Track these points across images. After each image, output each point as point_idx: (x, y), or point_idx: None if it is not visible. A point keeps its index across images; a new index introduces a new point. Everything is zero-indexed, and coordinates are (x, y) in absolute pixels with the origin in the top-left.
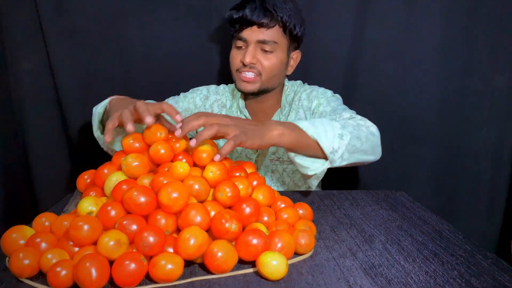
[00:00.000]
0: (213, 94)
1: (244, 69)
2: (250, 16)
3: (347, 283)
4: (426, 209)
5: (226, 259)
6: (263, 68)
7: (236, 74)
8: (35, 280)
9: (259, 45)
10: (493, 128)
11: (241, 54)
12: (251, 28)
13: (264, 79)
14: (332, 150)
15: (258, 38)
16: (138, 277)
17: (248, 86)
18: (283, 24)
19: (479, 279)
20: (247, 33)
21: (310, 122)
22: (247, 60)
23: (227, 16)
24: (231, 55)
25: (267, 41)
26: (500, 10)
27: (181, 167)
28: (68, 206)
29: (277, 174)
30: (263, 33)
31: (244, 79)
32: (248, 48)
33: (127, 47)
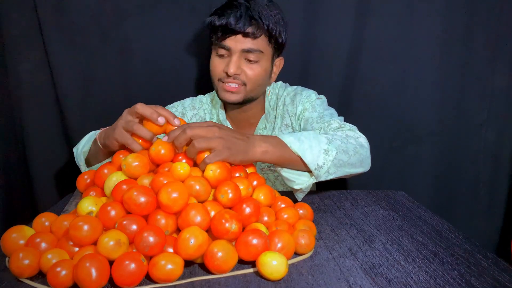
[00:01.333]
0: (190, 110)
1: (227, 79)
2: (234, 25)
3: (347, 283)
4: (426, 209)
5: (226, 259)
6: (247, 78)
7: (219, 83)
8: (35, 280)
9: (244, 54)
10: (493, 128)
11: (223, 63)
12: (235, 37)
13: (249, 89)
14: (317, 167)
15: (242, 47)
16: (138, 277)
17: (232, 96)
18: (269, 33)
19: (479, 279)
20: (230, 42)
21: (296, 136)
22: (231, 71)
23: (207, 21)
24: (212, 63)
25: (253, 50)
26: (499, 10)
27: (181, 167)
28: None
29: (269, 183)
30: (249, 42)
31: (228, 89)
32: (232, 58)
33: (126, 46)
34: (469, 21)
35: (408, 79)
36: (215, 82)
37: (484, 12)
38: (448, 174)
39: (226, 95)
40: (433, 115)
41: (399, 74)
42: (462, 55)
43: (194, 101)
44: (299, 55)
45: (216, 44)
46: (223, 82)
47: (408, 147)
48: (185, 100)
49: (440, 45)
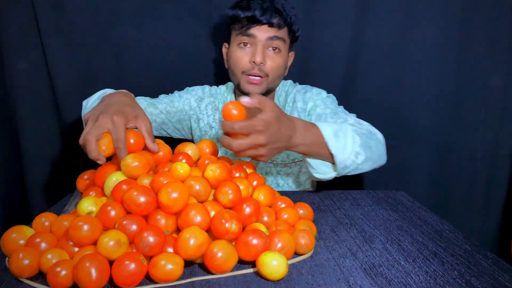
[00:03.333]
0: (208, 96)
1: (253, 71)
2: (260, 15)
3: (347, 283)
4: (426, 209)
5: (226, 259)
6: (270, 69)
7: (242, 76)
8: (35, 280)
9: (268, 44)
10: (490, 127)
11: (247, 54)
12: (260, 27)
13: (270, 80)
14: (343, 166)
15: (269, 35)
16: (138, 277)
17: (256, 88)
18: (290, 25)
19: (479, 279)
20: (255, 30)
21: (334, 130)
22: (258, 60)
23: (231, 14)
24: (234, 55)
25: (277, 37)
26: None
27: (181, 167)
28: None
29: (271, 176)
30: (273, 31)
31: (252, 82)
32: (257, 47)
33: (124, 46)
34: (466, 21)
35: (406, 79)
36: (237, 74)
37: (481, 12)
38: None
39: (250, 87)
40: (431, 114)
41: (397, 74)
42: (459, 55)
43: (211, 90)
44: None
45: (239, 33)
46: (247, 74)
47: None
48: (204, 86)
49: (438, 45)
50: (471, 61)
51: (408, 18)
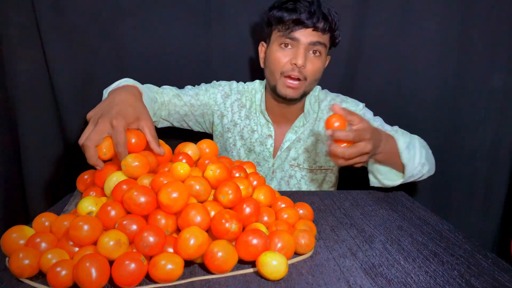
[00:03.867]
0: (235, 93)
1: (292, 72)
2: (306, 19)
3: (347, 283)
4: (426, 209)
5: (226, 259)
6: (309, 72)
7: (280, 77)
8: (35, 280)
9: (310, 47)
10: (490, 126)
11: (288, 56)
12: (305, 30)
13: (308, 84)
14: (410, 175)
15: (312, 40)
16: (138, 277)
17: (293, 92)
18: (333, 30)
19: (479, 279)
20: (300, 34)
21: (407, 142)
22: (300, 62)
23: (276, 15)
24: (274, 55)
25: (320, 42)
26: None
27: (181, 167)
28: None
29: (294, 180)
30: (317, 36)
31: (289, 85)
32: (299, 50)
33: (125, 46)
34: (466, 20)
35: (406, 78)
36: (276, 75)
37: (482, 11)
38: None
39: (288, 91)
40: (431, 114)
41: (397, 74)
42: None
43: (239, 86)
44: None
45: (282, 35)
46: (285, 76)
47: None
48: (232, 82)
49: (437, 44)
50: (471, 60)
51: (408, 17)
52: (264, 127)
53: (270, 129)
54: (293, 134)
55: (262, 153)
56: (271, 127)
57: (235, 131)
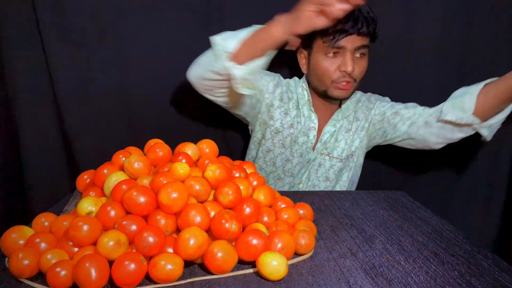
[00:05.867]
0: (284, 85)
1: (343, 79)
2: (351, 27)
3: (347, 283)
4: (426, 209)
5: (226, 259)
6: (357, 74)
7: (331, 84)
8: (35, 281)
9: (356, 51)
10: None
11: (336, 63)
12: (350, 36)
13: (357, 84)
14: None
15: (357, 45)
16: (138, 277)
17: (345, 93)
18: (374, 31)
19: (480, 279)
20: (345, 42)
21: None
22: (350, 69)
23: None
24: (322, 65)
25: (365, 45)
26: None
27: (181, 168)
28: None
29: (322, 169)
30: (361, 40)
31: (344, 88)
32: (346, 57)
33: (125, 46)
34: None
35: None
36: (326, 83)
37: (483, 11)
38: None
39: (340, 93)
40: None
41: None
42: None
43: (288, 80)
44: None
45: (328, 46)
46: (337, 82)
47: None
48: (279, 75)
49: (439, 45)
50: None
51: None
52: (308, 120)
53: (314, 121)
54: (332, 126)
55: (305, 144)
56: (315, 120)
57: (285, 119)
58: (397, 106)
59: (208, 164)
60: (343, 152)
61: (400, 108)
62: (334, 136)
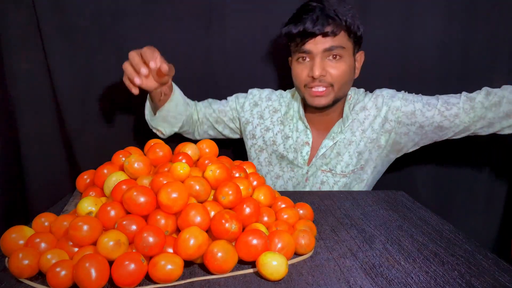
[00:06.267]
0: (265, 101)
1: (313, 83)
2: (312, 28)
3: (347, 283)
4: (426, 209)
5: (226, 259)
6: (333, 78)
7: (305, 90)
8: (35, 281)
9: (325, 54)
10: None
11: (306, 68)
12: (314, 39)
13: (337, 89)
14: None
15: (324, 47)
16: (138, 277)
17: (322, 100)
18: (347, 28)
19: (480, 279)
20: (310, 45)
21: None
22: (317, 74)
23: (284, 31)
24: (294, 71)
25: (335, 47)
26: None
27: (181, 168)
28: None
29: (326, 186)
30: (329, 41)
31: (315, 94)
32: (315, 60)
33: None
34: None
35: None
36: (301, 89)
37: (484, 12)
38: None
39: (316, 100)
40: None
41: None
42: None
43: (272, 94)
44: None
45: (296, 51)
46: (309, 87)
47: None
48: (264, 90)
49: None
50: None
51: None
52: (301, 134)
53: (308, 136)
54: (330, 140)
55: (295, 160)
56: (309, 134)
57: (266, 136)
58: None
59: (208, 164)
60: (348, 167)
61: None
62: (335, 151)
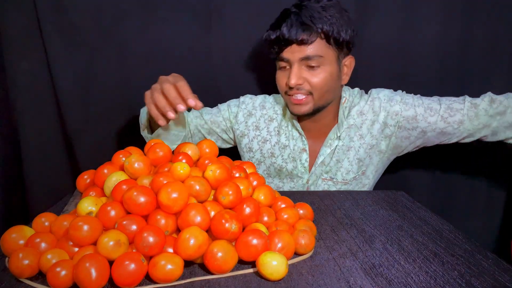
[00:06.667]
0: (260, 109)
1: (292, 91)
2: (287, 34)
3: (347, 283)
4: (426, 209)
5: (226, 259)
6: (312, 86)
7: (286, 97)
8: (35, 281)
9: (303, 63)
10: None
11: (286, 76)
12: (291, 47)
13: (317, 97)
14: None
15: (300, 56)
16: (138, 277)
17: (302, 108)
18: (325, 35)
19: (479, 279)
20: (287, 53)
21: None
22: (292, 82)
23: (264, 37)
24: (276, 78)
25: (311, 56)
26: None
27: (181, 168)
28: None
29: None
30: (305, 49)
31: (295, 102)
32: (292, 69)
33: (126, 46)
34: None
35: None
36: (283, 96)
37: (483, 12)
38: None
39: (295, 108)
40: None
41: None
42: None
43: (266, 100)
44: None
45: (276, 58)
46: (289, 95)
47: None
48: (257, 97)
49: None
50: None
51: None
52: (297, 141)
53: (304, 142)
54: (328, 147)
55: (295, 170)
56: (305, 141)
57: (264, 148)
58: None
59: (208, 164)
60: (349, 174)
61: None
62: (334, 158)
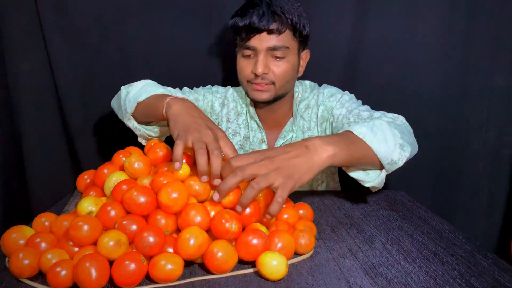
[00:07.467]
0: (231, 101)
1: (256, 80)
2: (258, 23)
3: (347, 283)
4: (426, 209)
5: (226, 259)
6: (275, 76)
7: (248, 85)
8: (35, 280)
9: (270, 52)
10: (492, 127)
11: (251, 64)
12: (259, 35)
13: (278, 87)
14: (390, 162)
15: (268, 45)
16: (138, 277)
17: (263, 95)
18: (293, 27)
19: (479, 279)
20: (255, 41)
21: (368, 127)
22: (260, 71)
23: (230, 24)
24: (239, 65)
25: (278, 47)
26: (500, 10)
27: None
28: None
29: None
30: (274, 39)
31: (257, 88)
32: (259, 57)
33: (127, 46)
34: (468, 21)
35: (408, 79)
36: (244, 83)
37: (485, 12)
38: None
39: (257, 94)
40: (433, 114)
41: (398, 75)
42: (462, 55)
43: (235, 93)
44: None
45: (241, 45)
46: (252, 83)
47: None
48: (228, 88)
49: (440, 45)
50: (474, 61)
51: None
52: (256, 132)
53: (262, 133)
54: (282, 139)
55: None
56: (263, 132)
57: (234, 141)
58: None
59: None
60: (311, 186)
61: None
62: None
